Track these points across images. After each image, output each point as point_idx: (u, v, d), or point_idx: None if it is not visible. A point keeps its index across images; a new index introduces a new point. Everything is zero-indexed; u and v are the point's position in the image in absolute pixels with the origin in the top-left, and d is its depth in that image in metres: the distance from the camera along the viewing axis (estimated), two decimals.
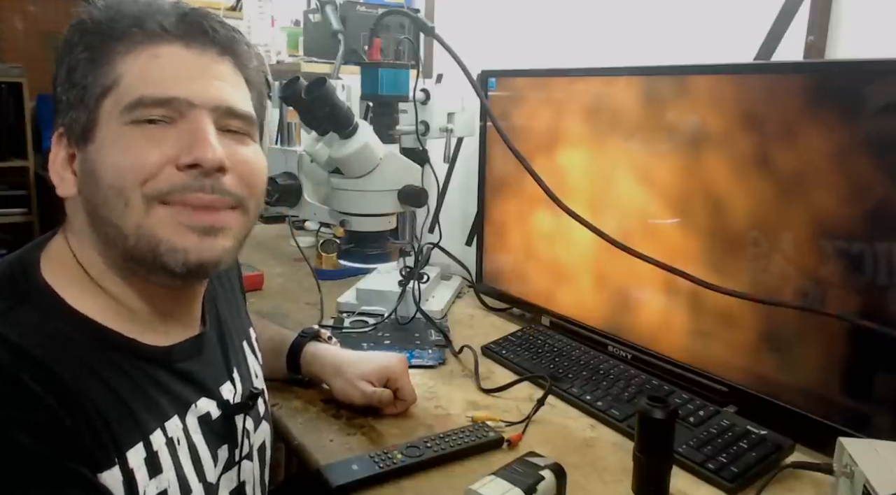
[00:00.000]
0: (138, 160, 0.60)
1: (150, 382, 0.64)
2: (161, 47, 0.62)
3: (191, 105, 0.62)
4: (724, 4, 1.18)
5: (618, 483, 0.84)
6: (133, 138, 0.60)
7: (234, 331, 0.81)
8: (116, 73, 0.61)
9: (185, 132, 0.61)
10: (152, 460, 0.61)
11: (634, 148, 1.11)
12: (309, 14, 1.91)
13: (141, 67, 0.61)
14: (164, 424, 0.63)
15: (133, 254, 0.62)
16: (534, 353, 1.18)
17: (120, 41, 0.62)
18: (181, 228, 0.61)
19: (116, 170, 0.60)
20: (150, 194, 0.60)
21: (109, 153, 0.60)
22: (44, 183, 3.51)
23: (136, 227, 0.60)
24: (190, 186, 0.61)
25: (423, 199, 1.18)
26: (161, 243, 0.61)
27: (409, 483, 0.83)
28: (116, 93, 0.61)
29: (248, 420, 0.75)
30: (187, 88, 0.62)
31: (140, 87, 0.61)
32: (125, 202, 0.60)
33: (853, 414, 0.87)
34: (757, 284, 0.95)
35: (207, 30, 0.64)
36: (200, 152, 0.61)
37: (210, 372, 0.72)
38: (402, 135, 1.38)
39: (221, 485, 0.70)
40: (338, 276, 1.60)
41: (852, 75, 0.85)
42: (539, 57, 1.53)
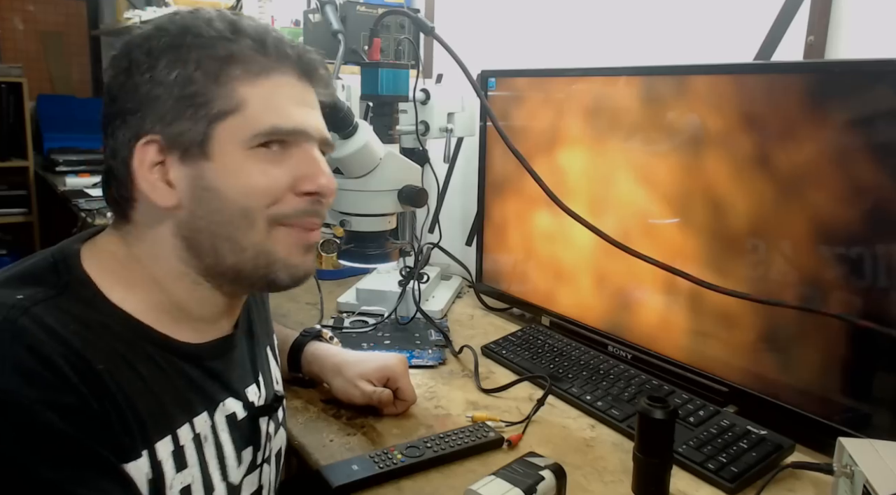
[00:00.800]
0: (267, 185, 0.64)
1: (180, 377, 0.66)
2: (282, 77, 0.65)
3: (308, 136, 0.67)
4: (724, 4, 1.18)
5: (618, 483, 0.84)
6: (259, 164, 0.64)
7: (260, 335, 0.82)
8: (238, 98, 0.63)
9: (302, 160, 0.66)
10: (179, 454, 0.63)
11: (634, 148, 1.11)
12: (309, 14, 1.91)
13: (265, 95, 0.64)
14: (192, 419, 0.65)
15: (242, 268, 0.66)
16: (534, 353, 1.18)
17: (241, 64, 0.63)
18: (294, 248, 0.67)
19: (246, 193, 0.63)
20: (274, 217, 0.65)
21: (236, 176, 0.63)
22: (44, 183, 3.52)
23: (256, 245, 0.65)
24: (308, 211, 0.67)
25: (423, 199, 1.18)
26: (277, 261, 0.66)
27: (409, 483, 0.83)
28: (240, 118, 0.63)
29: (270, 423, 0.77)
30: (304, 120, 0.66)
31: (269, 116, 0.64)
32: (251, 222, 0.64)
33: (853, 414, 0.87)
34: (757, 284, 0.95)
35: (318, 66, 0.69)
36: (325, 182, 0.67)
37: (237, 373, 0.73)
38: (402, 135, 1.38)
39: (244, 488, 0.72)
40: (338, 276, 1.60)
41: (852, 75, 0.85)
42: (539, 57, 1.53)
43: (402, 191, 1.17)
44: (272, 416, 0.77)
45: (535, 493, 0.71)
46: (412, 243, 1.41)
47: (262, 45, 0.64)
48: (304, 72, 0.68)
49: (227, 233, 0.64)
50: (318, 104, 0.70)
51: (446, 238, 1.47)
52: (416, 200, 1.17)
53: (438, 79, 1.66)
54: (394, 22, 1.73)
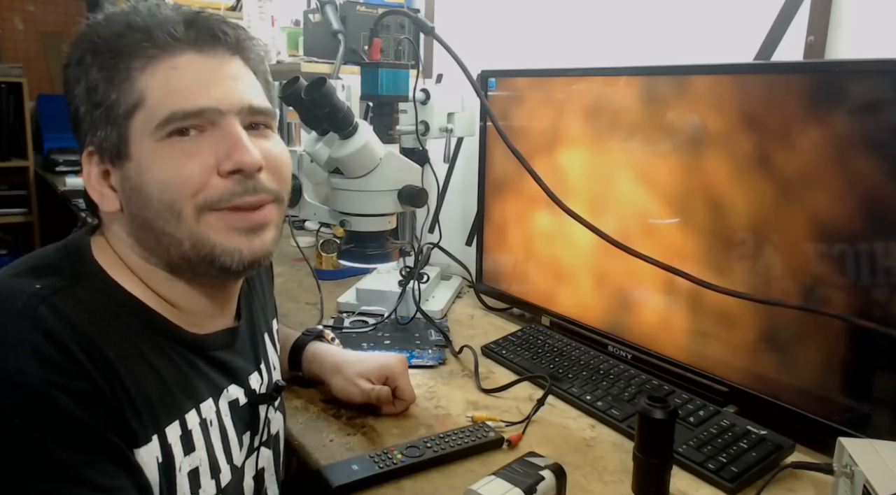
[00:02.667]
0: (184, 175, 0.63)
1: (188, 365, 0.67)
2: (176, 58, 0.63)
3: (219, 112, 0.64)
4: (724, 4, 1.18)
5: (618, 483, 0.84)
6: (172, 154, 0.63)
7: (259, 322, 0.84)
8: (138, 90, 0.62)
9: (219, 139, 0.64)
10: (187, 438, 0.65)
11: (634, 148, 1.11)
12: (309, 14, 1.91)
13: (162, 82, 0.63)
14: (198, 405, 0.68)
15: (189, 258, 0.65)
16: (534, 353, 1.18)
17: (134, 57, 0.63)
18: (231, 231, 0.65)
19: (164, 187, 0.63)
20: (202, 204, 0.64)
21: (152, 170, 0.63)
22: (44, 183, 3.52)
23: (190, 235, 0.64)
24: (236, 191, 0.65)
25: (423, 199, 1.18)
26: (216, 247, 0.65)
27: (409, 483, 0.83)
28: (144, 110, 0.62)
29: (269, 409, 0.79)
30: (211, 96, 0.64)
31: (167, 102, 0.62)
32: (177, 214, 0.63)
33: (853, 414, 0.87)
34: (757, 284, 0.95)
35: (217, 33, 0.66)
36: (240, 157, 0.64)
37: (240, 362, 0.76)
38: (402, 135, 1.38)
39: (246, 470, 0.74)
40: (338, 276, 1.60)
41: (852, 75, 0.85)
42: (539, 57, 1.53)
43: (402, 191, 1.17)
44: (272, 403, 0.79)
45: (535, 493, 0.71)
46: (412, 243, 1.41)
47: (149, 32, 0.63)
48: (204, 43, 0.65)
49: (160, 227, 0.64)
50: (242, 71, 0.67)
51: (446, 238, 1.47)
52: (416, 200, 1.17)
53: (438, 79, 1.66)
54: (394, 22, 1.73)
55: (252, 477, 0.76)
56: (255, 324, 0.82)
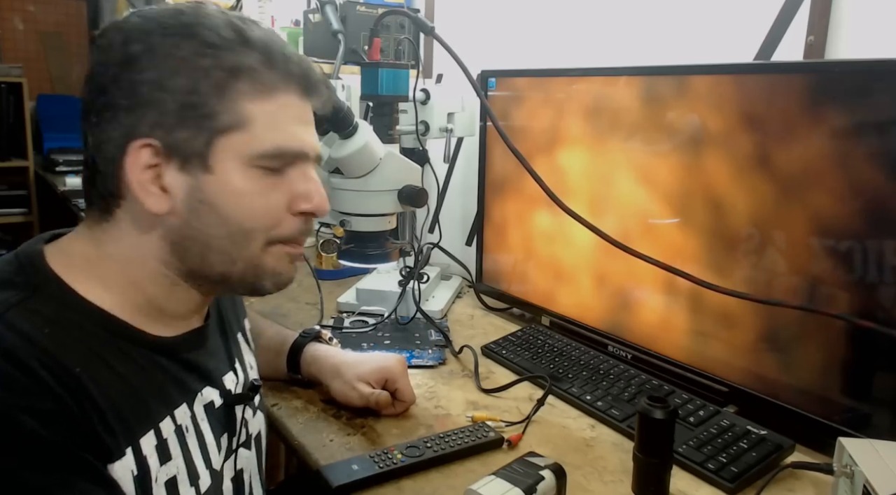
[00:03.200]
0: (268, 208, 0.65)
1: (157, 370, 0.66)
2: (288, 95, 0.65)
3: (308, 157, 0.68)
4: (724, 4, 1.18)
5: (618, 483, 0.84)
6: (263, 186, 0.64)
7: (231, 323, 0.83)
8: (246, 112, 0.62)
9: (299, 180, 0.67)
10: (163, 447, 0.63)
11: (634, 148, 1.11)
12: (309, 14, 1.91)
13: (271, 114, 0.64)
14: (173, 412, 0.66)
15: (230, 276, 0.67)
16: (534, 353, 1.18)
17: (248, 79, 0.62)
18: (286, 261, 0.69)
19: (248, 216, 0.64)
20: (274, 238, 0.67)
21: (238, 195, 0.63)
22: (44, 183, 3.52)
23: (248, 259, 0.66)
24: (304, 230, 0.69)
25: (423, 199, 1.18)
26: (266, 273, 0.68)
27: (409, 483, 0.83)
28: (245, 134, 0.62)
29: (247, 410, 0.78)
30: (307, 141, 0.67)
31: (273, 136, 0.64)
32: (249, 241, 0.65)
33: (853, 414, 0.87)
34: (757, 284, 0.95)
35: (320, 85, 0.69)
36: (320, 204, 0.68)
37: (213, 362, 0.74)
38: (402, 135, 1.38)
39: (225, 473, 0.73)
40: (338, 276, 1.60)
41: (852, 75, 0.85)
42: (539, 57, 1.53)
43: (402, 191, 1.17)
44: (248, 403, 0.78)
45: (536, 493, 0.71)
46: (412, 243, 1.41)
47: (270, 59, 0.63)
48: (308, 90, 0.67)
49: (221, 246, 0.64)
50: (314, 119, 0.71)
51: (446, 238, 1.47)
52: (416, 200, 1.17)
53: (438, 79, 1.66)
54: (394, 22, 1.73)
55: (231, 478, 0.74)
56: (226, 323, 0.82)
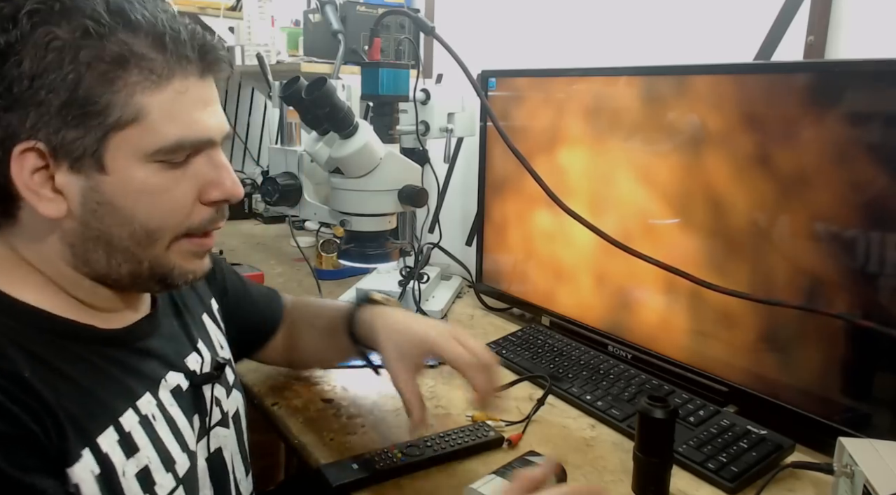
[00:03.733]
0: (175, 205, 0.62)
1: (112, 364, 0.64)
2: (185, 81, 0.60)
3: (213, 142, 0.64)
4: (724, 4, 1.18)
5: (618, 483, 0.84)
6: (164, 181, 0.61)
7: (190, 305, 0.82)
8: (138, 106, 0.57)
9: (208, 168, 0.63)
10: (126, 441, 0.62)
11: (634, 148, 1.11)
12: (309, 14, 1.91)
13: (168, 105, 0.59)
14: (135, 404, 0.64)
15: (139, 275, 0.64)
16: (534, 353, 1.18)
17: (138, 68, 0.57)
18: (192, 256, 0.67)
19: (152, 215, 0.61)
20: (180, 232, 0.64)
21: (139, 195, 0.60)
22: None
23: (153, 258, 0.63)
24: (214, 219, 0.66)
25: (423, 199, 1.18)
26: (174, 269, 0.65)
27: (409, 483, 0.83)
28: (141, 129, 0.58)
29: (217, 388, 0.77)
30: (211, 126, 0.63)
31: (172, 128, 0.59)
32: (154, 240, 0.62)
33: (853, 414, 0.87)
34: (757, 284, 0.95)
35: (222, 61, 0.64)
36: (232, 189, 0.64)
37: (172, 346, 0.73)
38: (402, 135, 1.38)
39: (199, 453, 0.72)
40: (338, 276, 1.60)
41: (852, 75, 0.85)
42: (539, 57, 1.53)
43: (402, 191, 1.17)
44: (218, 381, 0.77)
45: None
46: (412, 243, 1.41)
47: (160, 41, 0.58)
48: (206, 68, 0.62)
49: (123, 246, 0.61)
50: (217, 93, 0.65)
51: (446, 238, 1.47)
52: (416, 200, 1.17)
53: (438, 79, 1.66)
54: (394, 22, 1.73)
55: (205, 458, 0.73)
56: (182, 306, 0.79)
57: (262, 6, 2.00)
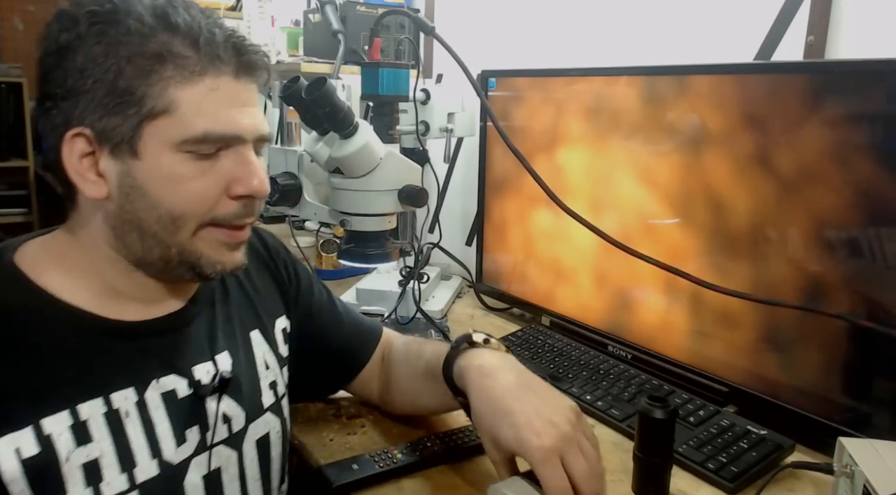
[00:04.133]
0: (200, 194, 0.65)
1: (101, 354, 0.66)
2: (217, 79, 0.64)
3: (242, 140, 0.67)
4: (724, 4, 1.18)
5: (618, 483, 0.84)
6: (191, 171, 0.64)
7: (240, 317, 0.81)
8: (172, 97, 0.62)
9: (235, 163, 0.66)
10: (80, 428, 0.63)
11: (635, 148, 1.11)
12: (309, 14, 1.91)
13: (198, 99, 0.63)
14: (108, 395, 0.65)
15: (170, 261, 0.67)
16: (534, 353, 1.18)
17: (173, 63, 0.62)
18: (220, 246, 0.69)
19: (178, 202, 0.64)
20: (205, 221, 0.66)
21: (167, 181, 0.64)
22: (44, 183, 3.52)
23: (180, 244, 0.66)
24: (241, 214, 0.68)
25: (423, 199, 1.18)
26: (202, 257, 0.68)
27: (409, 483, 0.83)
28: (172, 120, 0.62)
29: (226, 403, 0.74)
30: (240, 124, 0.66)
31: (201, 121, 0.63)
32: (179, 227, 0.65)
33: (853, 414, 0.87)
34: (757, 284, 0.95)
35: (258, 65, 0.67)
36: (258, 186, 0.67)
37: (185, 351, 0.72)
38: (402, 135, 1.38)
39: (191, 469, 0.70)
40: (338, 276, 1.60)
41: (852, 75, 0.85)
42: (539, 57, 1.53)
43: (403, 190, 1.17)
44: (226, 396, 0.74)
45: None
46: (412, 243, 1.41)
47: (195, 42, 0.63)
48: (241, 71, 0.66)
49: (152, 231, 0.65)
50: (257, 98, 0.69)
51: (446, 238, 1.47)
52: (416, 200, 1.17)
53: (438, 79, 1.66)
54: (394, 22, 1.74)
55: (202, 476, 0.71)
56: (219, 314, 0.78)
57: (262, 6, 2.00)
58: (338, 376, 0.96)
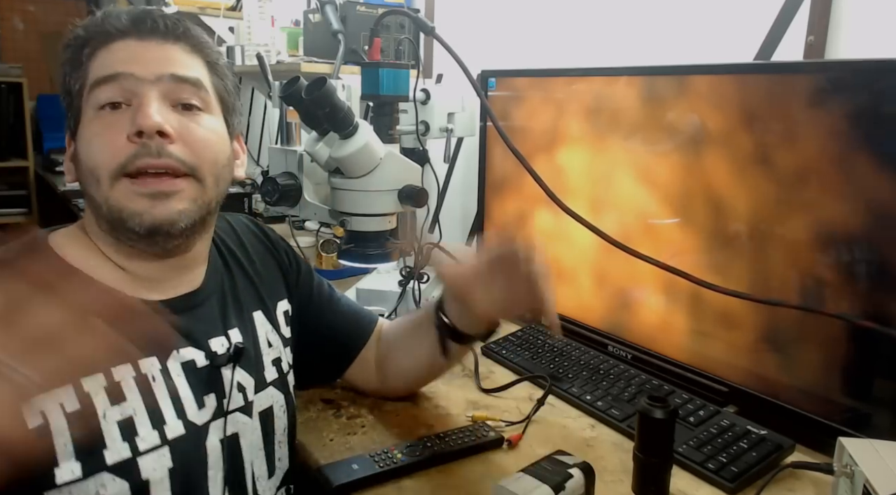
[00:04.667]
0: (103, 143, 0.70)
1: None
2: (115, 43, 0.72)
3: (136, 79, 0.70)
4: (724, 4, 1.18)
5: (618, 483, 0.84)
6: (99, 124, 0.71)
7: (242, 298, 0.85)
8: (86, 71, 0.72)
9: (134, 109, 0.70)
10: (113, 388, 0.68)
11: (634, 148, 1.11)
12: (309, 14, 1.91)
13: (100, 61, 0.72)
14: (136, 361, 0.70)
15: (108, 220, 0.71)
16: (534, 353, 1.18)
17: (86, 46, 0.72)
18: (137, 196, 0.70)
19: (89, 154, 0.71)
20: (115, 170, 0.69)
21: (83, 140, 0.71)
22: (44, 183, 3.52)
23: (105, 199, 0.70)
24: (139, 153, 0.69)
25: (423, 199, 1.18)
26: (122, 210, 0.70)
27: (409, 483, 0.83)
28: (88, 89, 0.71)
29: (242, 375, 0.79)
30: (131, 65, 0.71)
31: (96, 73, 0.71)
32: (97, 180, 0.70)
33: (853, 414, 0.87)
34: (757, 284, 0.95)
35: (150, 22, 0.73)
36: (140, 120, 0.69)
37: (200, 326, 0.78)
38: (402, 135, 1.38)
39: (211, 432, 0.75)
40: (338, 276, 1.60)
41: (852, 75, 0.85)
42: (539, 57, 1.53)
43: (402, 191, 1.17)
44: (239, 367, 0.79)
45: (564, 491, 0.71)
46: (412, 243, 1.41)
47: (101, 26, 0.72)
48: (142, 31, 0.72)
49: (89, 192, 0.72)
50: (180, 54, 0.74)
51: (446, 238, 1.47)
52: (416, 200, 1.17)
53: (438, 79, 1.66)
54: (394, 22, 1.74)
55: (219, 439, 0.75)
56: (227, 294, 0.83)
57: (262, 6, 2.01)
58: (336, 360, 1.00)
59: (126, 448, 0.67)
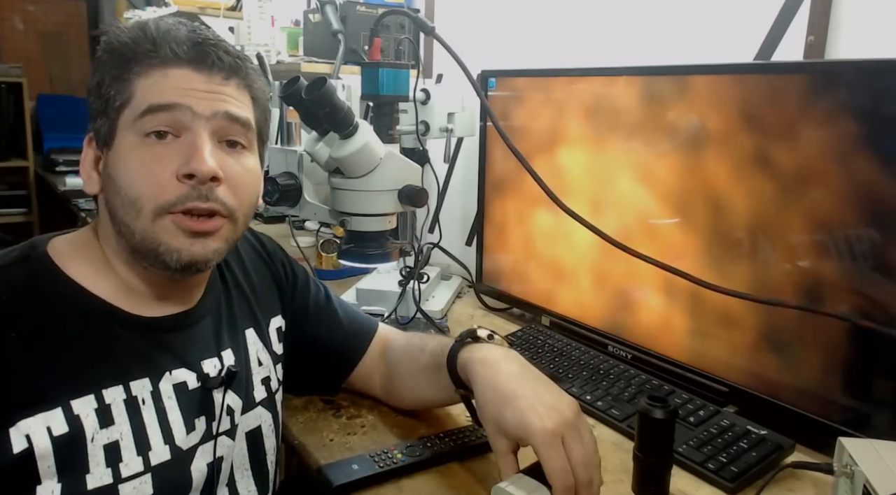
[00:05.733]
0: (151, 176, 0.68)
1: (119, 344, 0.71)
2: (172, 69, 0.70)
3: (193, 114, 0.69)
4: (724, 4, 1.18)
5: (618, 483, 0.84)
6: (145, 153, 0.69)
7: (238, 316, 0.85)
8: (132, 88, 0.69)
9: (186, 146, 0.69)
10: (104, 411, 0.68)
11: (634, 148, 1.11)
12: (309, 14, 1.91)
13: (152, 83, 0.69)
14: (127, 383, 0.70)
15: (138, 250, 0.70)
16: (534, 353, 1.18)
17: (138, 62, 0.69)
18: (179, 233, 0.70)
19: (132, 183, 0.68)
20: (160, 207, 0.68)
21: (126, 164, 0.69)
22: (44, 183, 3.52)
23: (142, 230, 0.69)
24: (190, 196, 0.69)
25: (423, 199, 1.18)
26: (161, 245, 0.69)
27: (409, 483, 0.83)
28: (131, 106, 0.69)
29: (230, 396, 0.79)
30: (188, 98, 0.69)
31: (148, 98, 0.68)
32: (138, 211, 0.68)
33: (853, 414, 0.87)
34: (757, 284, 0.95)
35: (215, 58, 0.71)
36: (196, 165, 0.68)
37: (194, 347, 0.77)
38: (402, 135, 1.38)
39: (198, 456, 0.75)
40: (338, 276, 1.60)
41: (852, 75, 0.85)
42: (539, 57, 1.53)
43: (402, 191, 1.17)
44: (229, 389, 0.78)
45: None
46: (412, 243, 1.41)
47: (155, 45, 0.69)
48: (202, 63, 0.70)
49: (121, 217, 0.70)
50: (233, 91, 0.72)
51: (446, 238, 1.47)
52: (416, 200, 1.17)
53: (438, 79, 1.66)
54: (394, 22, 1.74)
55: (207, 463, 0.75)
56: (223, 315, 0.83)
57: (262, 6, 2.00)
58: (334, 372, 0.99)
59: (108, 474, 0.67)
